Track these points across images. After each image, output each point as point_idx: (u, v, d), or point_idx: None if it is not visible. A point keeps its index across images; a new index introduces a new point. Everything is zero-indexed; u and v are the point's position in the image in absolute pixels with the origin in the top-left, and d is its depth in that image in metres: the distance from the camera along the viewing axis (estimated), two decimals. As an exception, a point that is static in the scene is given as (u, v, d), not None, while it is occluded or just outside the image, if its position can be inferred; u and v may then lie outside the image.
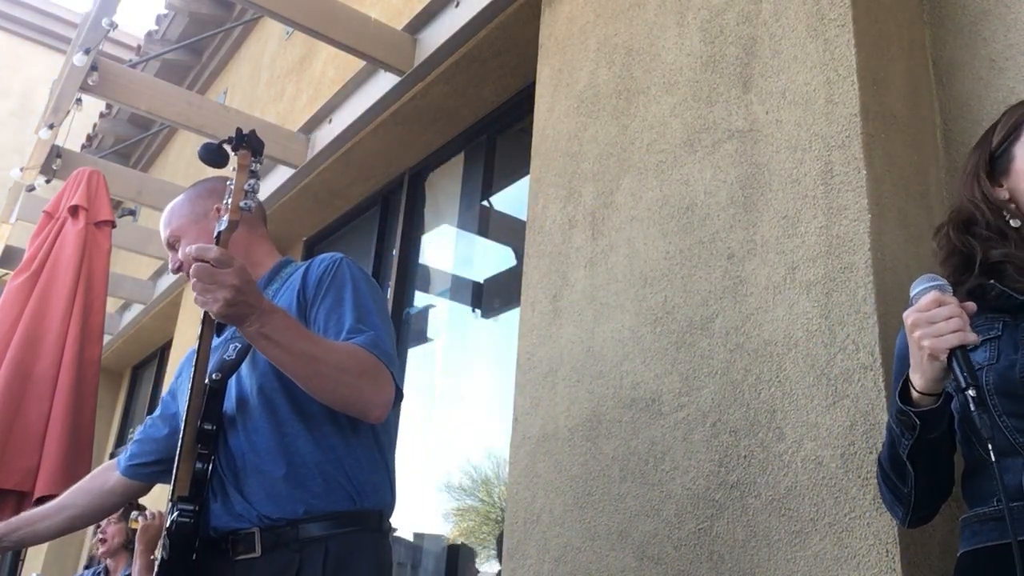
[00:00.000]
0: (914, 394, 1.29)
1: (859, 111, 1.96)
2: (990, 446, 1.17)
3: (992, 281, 1.36)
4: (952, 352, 1.20)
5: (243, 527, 1.69)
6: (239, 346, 1.81)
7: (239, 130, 1.62)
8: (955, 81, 2.17)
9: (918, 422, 1.28)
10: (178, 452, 1.72)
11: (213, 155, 1.68)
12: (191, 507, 1.69)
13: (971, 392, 1.16)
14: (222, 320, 1.58)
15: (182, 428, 1.73)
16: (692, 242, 2.26)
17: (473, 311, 4.25)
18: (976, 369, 1.25)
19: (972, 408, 1.16)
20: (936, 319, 1.21)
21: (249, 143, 1.63)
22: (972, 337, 1.20)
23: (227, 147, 1.68)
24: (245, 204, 1.62)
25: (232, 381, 1.81)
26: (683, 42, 2.49)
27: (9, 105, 11.89)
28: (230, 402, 1.80)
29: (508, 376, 2.82)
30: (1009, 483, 1.27)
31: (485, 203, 4.23)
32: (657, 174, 2.44)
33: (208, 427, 1.74)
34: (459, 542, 3.87)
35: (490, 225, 4.25)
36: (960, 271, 1.41)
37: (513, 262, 3.92)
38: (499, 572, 2.77)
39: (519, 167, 3.74)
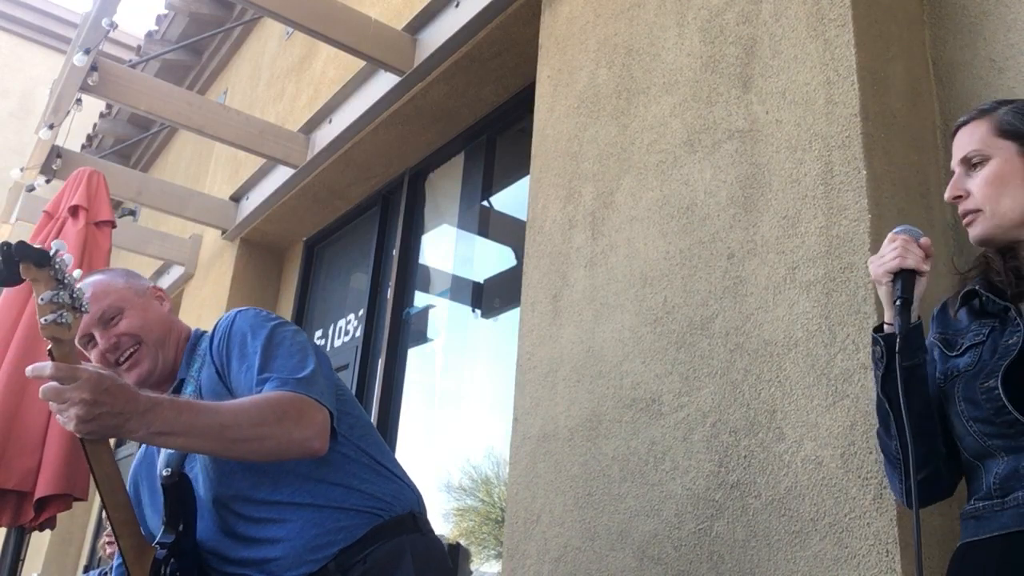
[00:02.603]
0: (885, 327, 1.42)
1: (859, 111, 1.96)
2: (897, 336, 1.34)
3: (977, 287, 1.42)
4: (895, 276, 1.38)
5: None
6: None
7: (3, 247, 1.44)
8: (955, 81, 2.17)
9: (883, 344, 1.39)
10: None
11: (2, 270, 1.48)
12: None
13: (898, 303, 1.36)
14: (91, 438, 1.46)
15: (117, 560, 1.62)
16: (692, 242, 2.26)
17: (473, 311, 4.25)
18: (954, 375, 1.37)
19: (897, 314, 1.36)
20: (883, 252, 1.41)
21: (24, 256, 1.45)
22: (910, 262, 1.37)
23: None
24: (53, 318, 1.47)
25: (195, 469, 1.72)
26: (683, 42, 2.49)
27: (9, 105, 11.90)
28: (201, 492, 1.71)
29: (508, 376, 2.82)
30: (986, 483, 1.33)
31: (485, 203, 4.23)
32: (657, 174, 2.44)
33: (171, 536, 1.64)
34: (459, 542, 3.87)
35: (490, 225, 4.25)
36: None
37: (513, 262, 3.92)
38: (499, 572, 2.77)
39: (519, 167, 3.74)
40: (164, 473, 1.68)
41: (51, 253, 1.49)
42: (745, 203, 2.16)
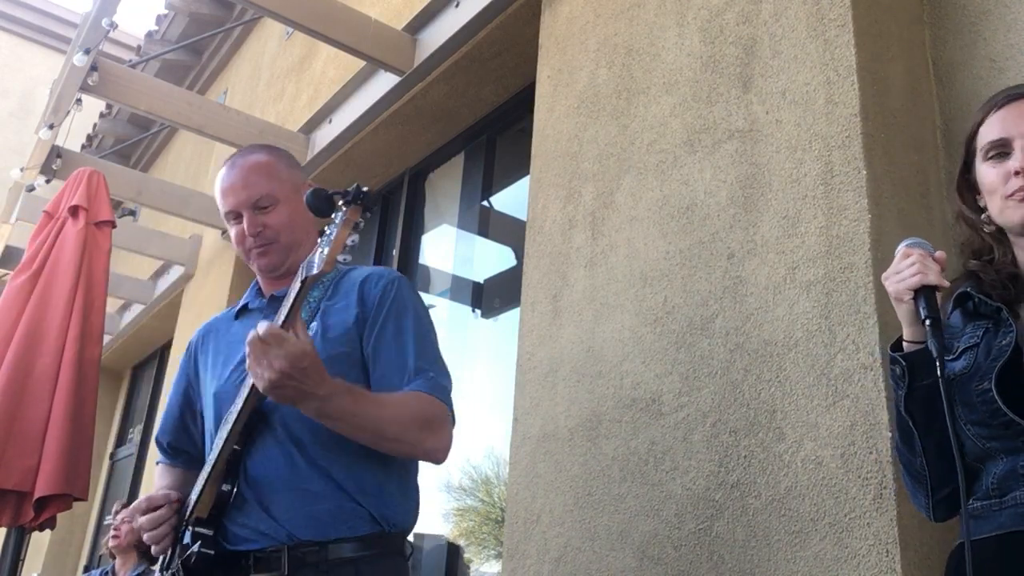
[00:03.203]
0: (904, 345, 1.38)
1: (859, 111, 1.96)
2: (952, 435, 1.24)
3: (969, 289, 1.40)
4: (916, 294, 1.31)
5: (268, 545, 1.62)
6: None
7: (358, 186, 1.50)
8: (955, 81, 2.17)
9: (904, 363, 1.35)
10: (207, 473, 1.65)
11: (321, 203, 1.53)
12: (209, 532, 1.64)
13: (928, 323, 1.28)
14: (269, 398, 1.54)
15: (219, 447, 1.65)
16: (692, 242, 2.26)
17: (473, 311, 4.25)
18: (951, 379, 1.33)
19: (929, 337, 1.28)
20: (901, 269, 1.34)
21: (364, 200, 1.50)
22: (932, 278, 1.31)
23: (338, 198, 1.53)
24: (344, 258, 1.51)
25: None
26: (683, 42, 2.49)
27: (9, 105, 11.90)
28: (262, 418, 1.72)
29: (508, 376, 2.81)
30: (985, 483, 1.32)
31: (485, 203, 4.23)
32: (657, 174, 2.44)
33: (236, 447, 1.67)
34: (459, 542, 3.87)
35: (490, 225, 4.25)
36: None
37: (513, 262, 3.92)
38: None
39: (519, 167, 3.74)
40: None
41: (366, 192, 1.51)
42: (745, 203, 2.16)
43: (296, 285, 1.52)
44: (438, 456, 1.68)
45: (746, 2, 2.33)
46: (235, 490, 1.66)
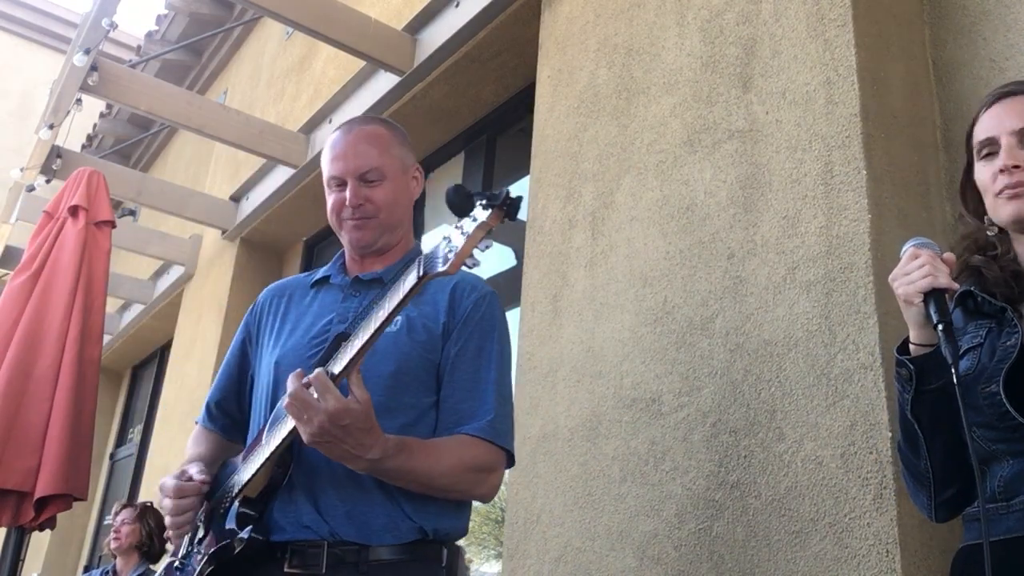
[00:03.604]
0: (911, 348, 1.35)
1: (859, 111, 1.96)
2: (967, 433, 1.22)
3: (972, 289, 1.39)
4: (926, 296, 1.28)
5: (308, 539, 1.54)
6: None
7: (507, 192, 1.36)
8: (955, 81, 2.17)
9: (911, 367, 1.33)
10: (268, 452, 1.55)
11: (462, 200, 1.38)
12: (255, 514, 1.56)
13: (940, 328, 1.25)
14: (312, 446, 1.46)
15: (287, 427, 1.52)
16: (692, 242, 2.26)
17: (473, 311, 4.24)
18: (961, 377, 1.29)
19: (943, 343, 1.25)
20: (910, 270, 1.31)
21: (508, 207, 1.36)
22: (942, 281, 1.28)
23: (479, 198, 1.39)
24: (472, 263, 1.37)
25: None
26: (683, 42, 2.49)
27: (9, 105, 11.90)
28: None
29: (508, 376, 2.81)
30: (990, 486, 1.31)
31: (485, 203, 4.22)
32: (657, 174, 2.44)
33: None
34: (459, 542, 3.86)
35: (490, 225, 4.25)
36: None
37: (513, 262, 3.92)
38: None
39: (519, 167, 3.74)
40: (345, 328, 1.58)
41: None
42: (745, 203, 2.16)
43: (411, 278, 1.37)
44: (486, 498, 1.65)
45: (746, 2, 2.33)
46: (288, 475, 1.58)
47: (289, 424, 1.52)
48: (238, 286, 5.55)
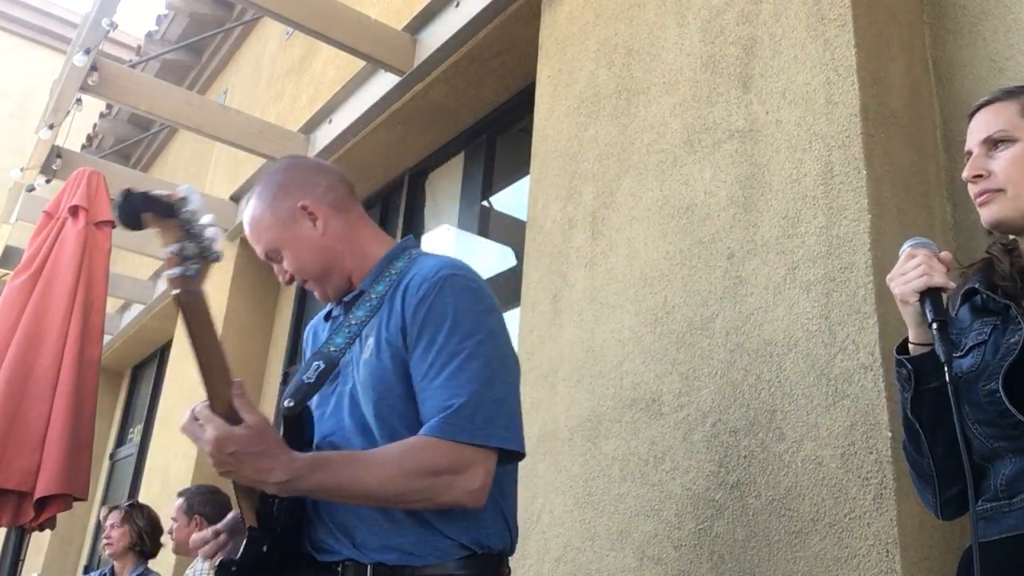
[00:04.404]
0: (910, 347, 1.37)
1: (859, 111, 1.96)
2: (960, 436, 1.24)
3: (976, 286, 1.40)
4: (922, 296, 1.31)
5: (354, 558, 1.50)
6: (322, 366, 1.59)
7: (123, 193, 1.32)
8: (955, 81, 2.17)
9: (910, 367, 1.35)
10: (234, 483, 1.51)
11: (126, 219, 1.35)
12: (257, 538, 1.51)
13: (935, 326, 1.27)
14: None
15: None
16: (692, 242, 2.26)
17: (473, 311, 4.23)
18: (958, 377, 1.31)
19: (937, 342, 1.26)
20: (907, 270, 1.34)
21: (148, 207, 1.32)
22: (938, 280, 1.31)
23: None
24: (180, 271, 1.37)
25: (319, 405, 1.63)
26: (683, 42, 2.49)
27: (9, 105, 11.90)
28: (321, 430, 1.61)
29: (508, 376, 2.81)
30: (993, 484, 1.31)
31: (485, 203, 4.22)
32: (657, 174, 2.44)
33: None
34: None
35: (490, 225, 4.25)
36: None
37: (513, 262, 3.91)
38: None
39: (519, 167, 3.74)
40: (287, 403, 1.55)
41: (175, 206, 1.35)
42: (745, 203, 2.16)
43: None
44: (467, 503, 1.46)
45: (746, 2, 2.33)
46: (276, 506, 1.53)
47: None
48: (238, 286, 5.56)
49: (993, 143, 1.39)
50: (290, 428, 1.56)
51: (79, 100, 4.22)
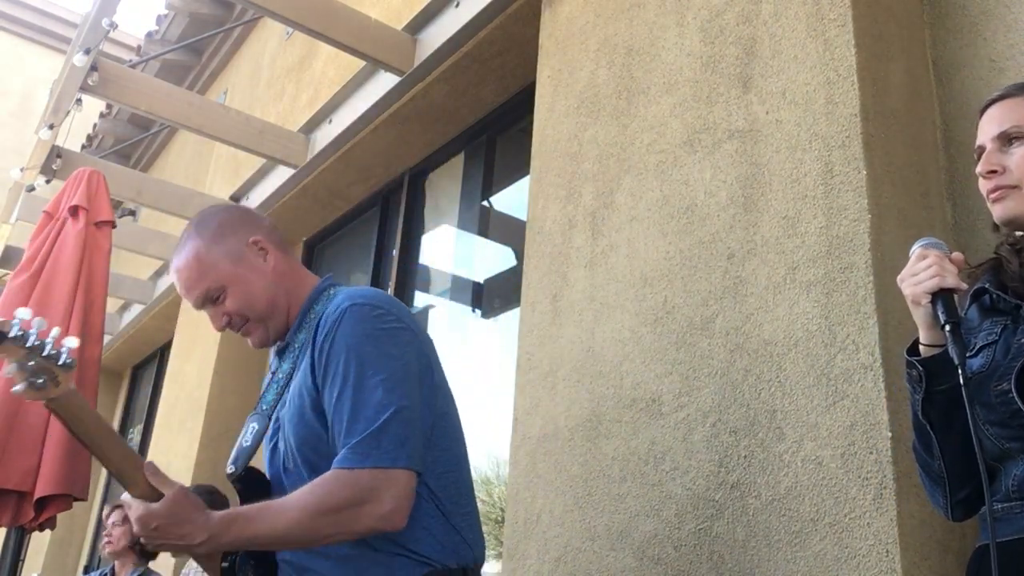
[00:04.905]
0: (921, 348, 1.36)
1: (859, 111, 1.96)
2: (973, 431, 1.22)
3: (986, 285, 1.39)
4: (934, 297, 1.29)
5: None
6: (256, 427, 1.66)
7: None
8: (955, 81, 2.17)
9: (921, 368, 1.33)
10: None
11: None
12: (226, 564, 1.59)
13: (947, 329, 1.26)
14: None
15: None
16: (692, 242, 2.26)
17: (473, 311, 4.25)
18: (969, 377, 1.29)
19: (950, 344, 1.25)
20: (918, 271, 1.32)
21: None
22: (950, 281, 1.29)
23: None
24: (25, 386, 1.42)
25: (271, 461, 1.66)
26: (683, 42, 2.49)
27: (9, 105, 11.90)
28: (275, 483, 1.64)
29: (508, 376, 2.81)
30: (1004, 484, 1.30)
31: (485, 203, 4.23)
32: (657, 174, 2.44)
33: None
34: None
35: (490, 225, 4.25)
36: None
37: (513, 262, 3.92)
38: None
39: (519, 167, 3.74)
40: (230, 469, 1.63)
41: (8, 332, 1.39)
42: (745, 203, 2.16)
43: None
44: (383, 527, 1.48)
45: (746, 2, 2.33)
46: (236, 562, 1.59)
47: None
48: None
49: (1007, 139, 1.38)
50: (247, 489, 1.63)
51: (79, 100, 4.22)
